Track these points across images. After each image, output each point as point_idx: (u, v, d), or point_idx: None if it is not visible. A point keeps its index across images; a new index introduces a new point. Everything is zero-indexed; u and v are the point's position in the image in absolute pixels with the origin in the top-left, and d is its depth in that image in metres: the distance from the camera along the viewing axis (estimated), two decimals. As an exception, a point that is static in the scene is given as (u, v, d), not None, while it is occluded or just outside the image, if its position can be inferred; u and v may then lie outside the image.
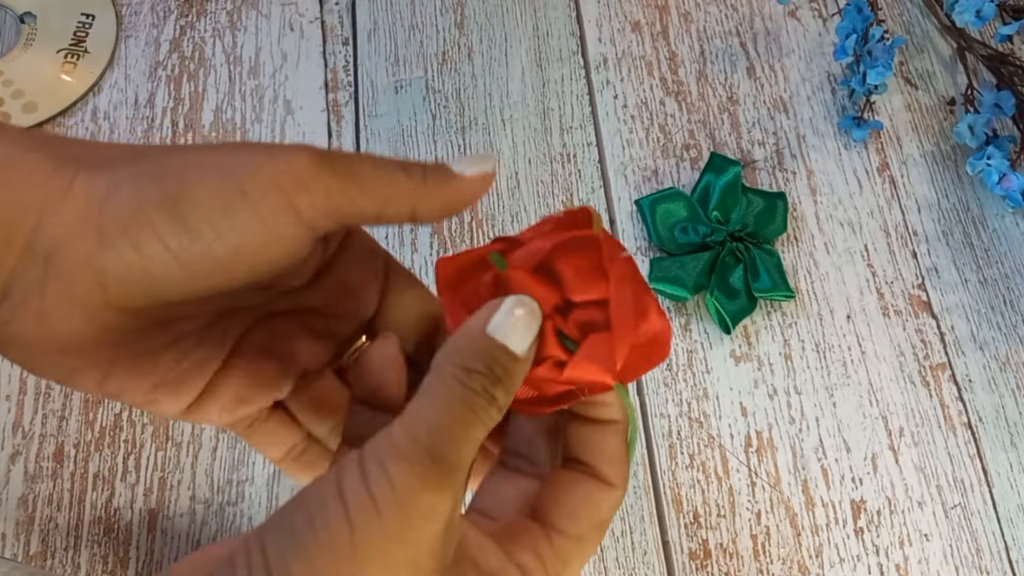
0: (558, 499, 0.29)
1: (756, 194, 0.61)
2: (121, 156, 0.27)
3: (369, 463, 0.24)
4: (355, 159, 0.27)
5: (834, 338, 0.58)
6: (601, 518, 0.29)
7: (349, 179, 0.27)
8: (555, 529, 0.29)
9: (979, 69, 0.65)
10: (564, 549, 0.29)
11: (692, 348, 0.58)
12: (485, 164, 0.29)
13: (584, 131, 0.65)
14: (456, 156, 0.30)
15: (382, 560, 0.24)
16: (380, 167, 0.27)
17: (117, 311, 0.26)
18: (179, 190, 0.25)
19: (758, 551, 0.53)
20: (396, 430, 0.25)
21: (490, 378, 0.26)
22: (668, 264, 0.58)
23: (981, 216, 0.62)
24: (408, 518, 0.24)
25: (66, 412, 0.57)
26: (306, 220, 0.26)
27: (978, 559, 0.53)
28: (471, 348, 0.26)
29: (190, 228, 0.25)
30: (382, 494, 0.24)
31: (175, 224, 0.25)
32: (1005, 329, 0.58)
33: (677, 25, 0.68)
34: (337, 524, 0.23)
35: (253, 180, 0.25)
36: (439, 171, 0.28)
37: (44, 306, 0.25)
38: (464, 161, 0.29)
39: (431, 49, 0.68)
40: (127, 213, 0.25)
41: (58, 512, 0.55)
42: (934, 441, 0.56)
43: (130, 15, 0.69)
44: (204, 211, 0.25)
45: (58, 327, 0.26)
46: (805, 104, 0.65)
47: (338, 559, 0.23)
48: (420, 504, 0.24)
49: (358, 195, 0.27)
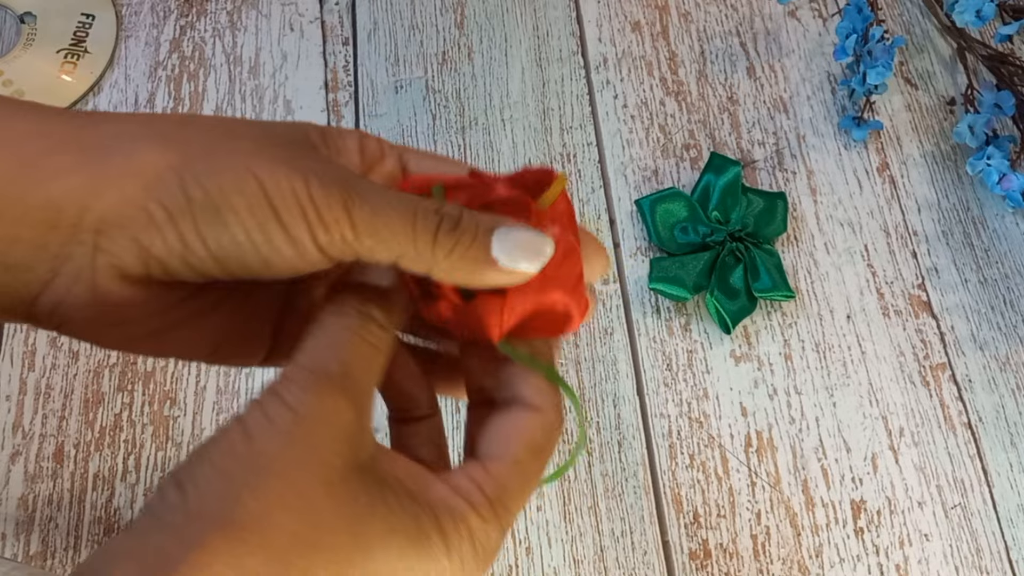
0: (485, 430, 0.30)
1: (756, 194, 0.61)
2: (162, 134, 0.27)
3: (263, 396, 0.26)
4: (381, 207, 0.26)
5: (834, 338, 0.58)
6: (535, 441, 0.29)
7: (368, 232, 0.26)
8: (487, 457, 0.29)
9: (979, 69, 0.65)
10: (500, 474, 0.28)
11: (692, 348, 0.58)
12: (531, 259, 0.27)
13: (584, 131, 0.65)
14: (505, 230, 0.27)
15: (285, 460, 0.25)
16: (405, 223, 0.26)
17: (161, 283, 0.27)
18: (221, 196, 0.25)
19: (758, 551, 0.53)
20: (286, 367, 0.26)
21: (360, 298, 0.28)
22: (668, 264, 0.58)
23: (981, 216, 0.62)
24: (303, 424, 0.25)
25: (66, 412, 0.57)
26: (328, 254, 0.27)
27: (978, 559, 0.53)
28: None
29: (231, 235, 0.26)
30: (276, 411, 0.25)
31: (218, 228, 0.26)
32: (1005, 329, 0.58)
33: (677, 25, 0.68)
34: (235, 434, 0.25)
35: (284, 204, 0.26)
36: (470, 247, 0.27)
37: (96, 280, 0.26)
38: (509, 241, 0.27)
39: (431, 49, 0.68)
40: (174, 206, 0.25)
41: (58, 512, 0.55)
42: (934, 441, 0.56)
43: (130, 15, 0.69)
44: (243, 223, 0.26)
45: (110, 299, 0.26)
46: (805, 104, 0.65)
47: (240, 459, 0.24)
48: (313, 411, 0.25)
49: (375, 247, 0.27)
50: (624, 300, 0.60)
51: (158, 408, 0.57)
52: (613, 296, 0.60)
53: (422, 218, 0.26)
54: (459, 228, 0.27)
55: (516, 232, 0.27)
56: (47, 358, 0.59)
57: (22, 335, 0.60)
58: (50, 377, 0.58)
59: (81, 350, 0.59)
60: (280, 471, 0.25)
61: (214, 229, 0.25)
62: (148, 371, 0.58)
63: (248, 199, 0.25)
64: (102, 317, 0.27)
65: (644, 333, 0.59)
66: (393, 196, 0.27)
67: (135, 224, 0.25)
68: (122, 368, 0.59)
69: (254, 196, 0.25)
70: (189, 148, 0.26)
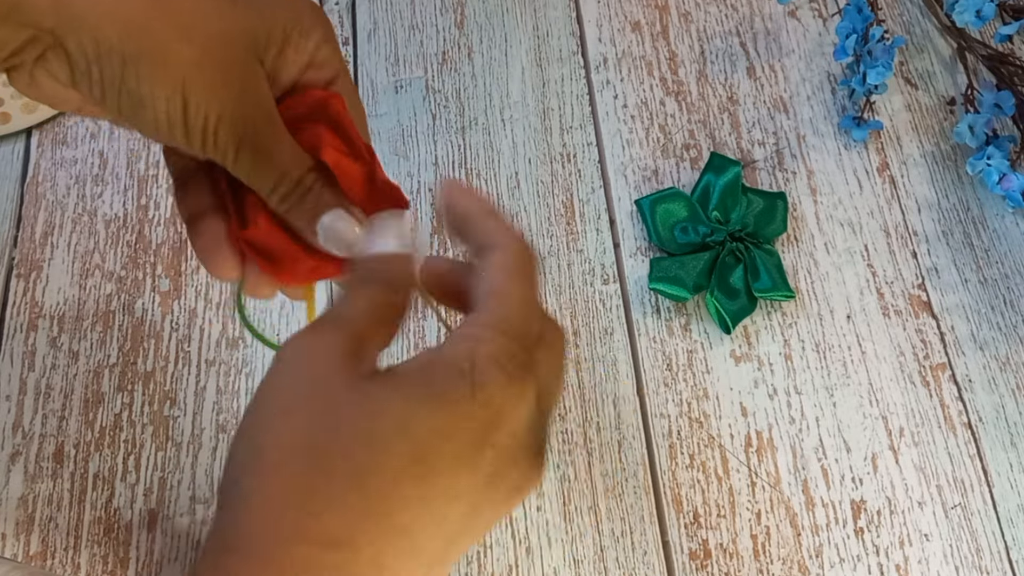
0: (462, 287, 0.32)
1: (756, 194, 0.61)
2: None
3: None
4: (260, 160, 0.32)
5: (834, 338, 0.58)
6: (508, 266, 0.31)
7: (241, 170, 0.32)
8: (474, 306, 0.30)
9: (979, 69, 0.65)
10: (491, 306, 0.30)
11: (692, 348, 0.58)
12: (338, 249, 0.33)
13: (584, 131, 0.65)
14: (330, 219, 0.33)
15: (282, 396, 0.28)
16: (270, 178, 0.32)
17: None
18: (150, 96, 0.30)
19: (758, 551, 0.53)
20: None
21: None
22: (668, 264, 0.58)
23: (981, 216, 0.62)
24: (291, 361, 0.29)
25: (66, 412, 0.57)
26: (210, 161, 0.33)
27: (978, 559, 0.53)
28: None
29: (140, 120, 0.31)
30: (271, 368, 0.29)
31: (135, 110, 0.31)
32: (1005, 329, 0.58)
33: (677, 25, 0.68)
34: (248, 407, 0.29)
35: (193, 125, 0.31)
36: (300, 217, 0.33)
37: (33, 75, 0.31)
38: (328, 230, 0.33)
39: (431, 49, 0.68)
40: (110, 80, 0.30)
41: (58, 512, 0.55)
42: (934, 441, 0.56)
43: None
44: (156, 120, 0.31)
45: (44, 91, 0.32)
46: (805, 104, 0.65)
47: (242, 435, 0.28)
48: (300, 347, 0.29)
49: (242, 175, 0.32)
50: (624, 300, 0.60)
51: (158, 408, 0.57)
52: (613, 296, 0.60)
53: (283, 182, 0.32)
54: (303, 201, 0.33)
55: (336, 224, 0.33)
56: (47, 358, 0.59)
57: (22, 335, 0.60)
58: (50, 377, 0.58)
59: (81, 350, 0.59)
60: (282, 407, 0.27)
61: (132, 109, 0.31)
62: (148, 371, 0.58)
63: (168, 107, 0.30)
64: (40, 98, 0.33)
65: (644, 333, 0.59)
66: (276, 149, 0.32)
67: (77, 67, 0.30)
68: (122, 368, 0.59)
69: (174, 110, 0.30)
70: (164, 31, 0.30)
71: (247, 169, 0.32)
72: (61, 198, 0.64)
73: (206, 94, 0.31)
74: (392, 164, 0.64)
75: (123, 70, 0.30)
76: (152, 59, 0.30)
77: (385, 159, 0.64)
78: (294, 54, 0.34)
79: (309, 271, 0.34)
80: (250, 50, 0.32)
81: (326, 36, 0.35)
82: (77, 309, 0.60)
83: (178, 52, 0.30)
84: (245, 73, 0.32)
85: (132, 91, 0.30)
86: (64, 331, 0.60)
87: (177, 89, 0.30)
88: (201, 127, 0.31)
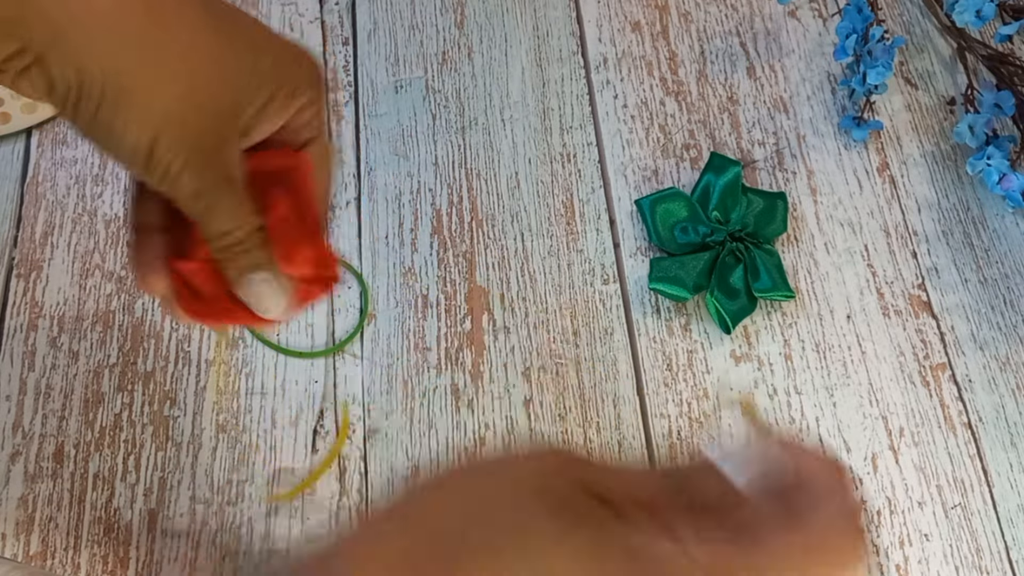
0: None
1: (756, 194, 0.61)
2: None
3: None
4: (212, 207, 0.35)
5: (834, 338, 0.58)
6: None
7: (191, 210, 0.34)
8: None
9: (979, 69, 0.65)
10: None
11: (692, 348, 0.58)
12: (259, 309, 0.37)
13: (584, 131, 0.65)
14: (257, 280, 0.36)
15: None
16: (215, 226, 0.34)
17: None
18: (123, 128, 0.31)
19: (758, 551, 0.53)
20: None
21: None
22: (668, 264, 0.58)
23: (981, 216, 0.61)
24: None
25: (66, 412, 0.57)
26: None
27: (978, 559, 0.53)
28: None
29: (110, 146, 0.32)
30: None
31: (105, 137, 0.32)
32: (1005, 329, 0.58)
33: (677, 25, 0.68)
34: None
35: (157, 160, 0.32)
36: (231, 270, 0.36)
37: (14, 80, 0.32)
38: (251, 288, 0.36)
39: (431, 49, 0.68)
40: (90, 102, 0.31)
41: (58, 512, 0.55)
42: (934, 441, 0.56)
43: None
44: (123, 148, 0.32)
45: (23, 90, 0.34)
46: (805, 104, 0.65)
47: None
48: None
49: (189, 212, 0.34)
50: (624, 300, 0.60)
51: (158, 408, 0.57)
52: (613, 296, 0.60)
53: (226, 237, 0.35)
54: (238, 257, 0.35)
55: (260, 286, 0.36)
56: (47, 358, 0.59)
57: (22, 335, 0.60)
58: (50, 377, 0.58)
59: (81, 350, 0.59)
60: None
61: (101, 134, 0.32)
62: (148, 371, 0.58)
63: (136, 144, 0.32)
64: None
65: (644, 333, 0.59)
66: (228, 207, 0.34)
67: (56, 90, 0.31)
68: (122, 368, 0.59)
69: (141, 148, 0.32)
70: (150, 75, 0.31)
71: (198, 214, 0.34)
72: (61, 198, 0.64)
73: (176, 145, 0.32)
74: (392, 164, 0.64)
75: (100, 103, 0.31)
76: (130, 101, 0.31)
77: (385, 159, 0.64)
78: (275, 113, 0.35)
79: (223, 311, 0.37)
80: (232, 104, 0.33)
81: (312, 100, 0.36)
82: (77, 309, 0.60)
83: (160, 98, 0.32)
84: (221, 131, 0.33)
85: (105, 122, 0.31)
86: (64, 331, 0.60)
87: (149, 133, 0.32)
88: (163, 170, 0.32)
